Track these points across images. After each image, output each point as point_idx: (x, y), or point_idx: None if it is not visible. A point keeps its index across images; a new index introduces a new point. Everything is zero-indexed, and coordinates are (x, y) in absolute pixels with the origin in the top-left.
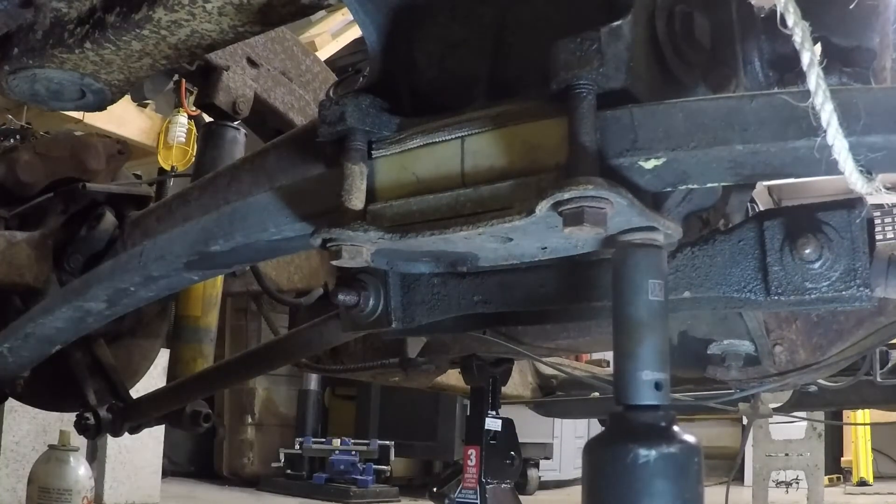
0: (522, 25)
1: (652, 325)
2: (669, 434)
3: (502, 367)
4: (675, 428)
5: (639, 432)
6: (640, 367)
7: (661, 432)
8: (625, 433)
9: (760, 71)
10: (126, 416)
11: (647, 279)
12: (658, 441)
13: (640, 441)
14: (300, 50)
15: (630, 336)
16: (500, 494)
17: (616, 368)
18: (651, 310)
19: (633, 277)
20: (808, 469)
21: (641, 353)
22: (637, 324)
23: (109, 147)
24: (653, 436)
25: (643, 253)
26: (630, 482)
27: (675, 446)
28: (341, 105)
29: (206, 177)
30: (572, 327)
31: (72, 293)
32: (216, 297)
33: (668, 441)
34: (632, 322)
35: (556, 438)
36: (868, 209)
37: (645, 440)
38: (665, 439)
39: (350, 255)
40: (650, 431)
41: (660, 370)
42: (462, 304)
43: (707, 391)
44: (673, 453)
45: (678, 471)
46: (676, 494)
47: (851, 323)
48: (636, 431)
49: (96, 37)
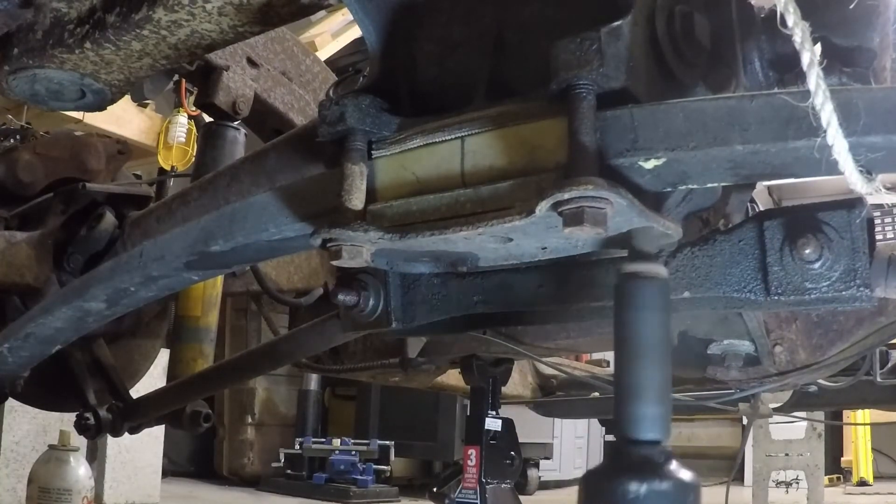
0: (522, 25)
1: (654, 358)
2: (664, 470)
3: (502, 367)
4: (671, 465)
5: (634, 467)
6: (643, 402)
7: (656, 468)
8: (620, 466)
9: (760, 71)
10: (126, 416)
11: (651, 311)
12: (651, 476)
13: (634, 475)
14: (300, 50)
15: (632, 368)
16: (500, 494)
17: (618, 400)
18: (653, 342)
19: (636, 308)
20: (808, 469)
21: (643, 385)
22: (639, 355)
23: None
24: (647, 471)
25: (648, 283)
26: None
27: (668, 483)
28: (341, 105)
29: (206, 177)
30: (572, 327)
31: (72, 293)
32: (216, 297)
33: (661, 477)
34: (633, 354)
35: (556, 438)
36: (868, 209)
37: (639, 475)
38: (659, 475)
39: (350, 255)
40: (646, 466)
41: (661, 403)
42: (462, 304)
43: (707, 391)
44: (665, 490)
45: None
46: None
47: (851, 323)
48: (632, 466)
49: (96, 37)
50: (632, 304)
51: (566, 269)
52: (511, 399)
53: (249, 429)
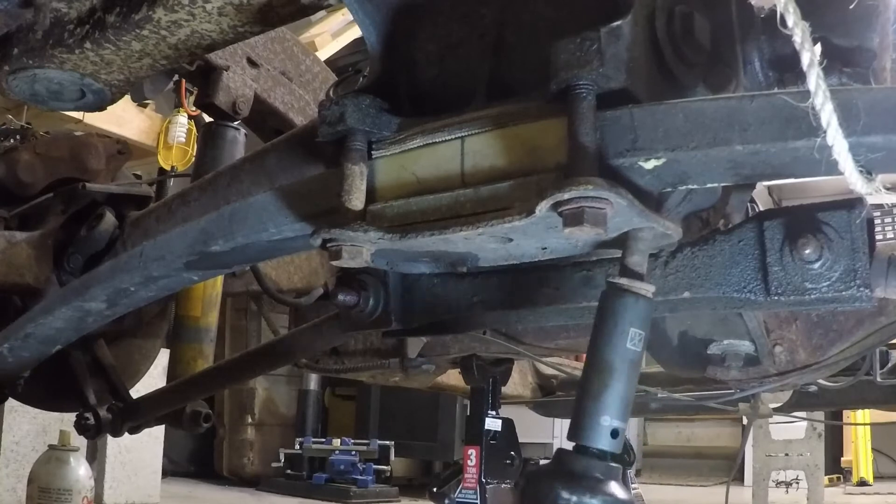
0: (522, 25)
1: (623, 373)
2: (598, 485)
3: (502, 367)
4: (611, 482)
5: (571, 475)
6: (602, 412)
7: (591, 482)
8: (558, 471)
9: (760, 71)
10: (126, 416)
11: (630, 327)
12: (583, 489)
13: (566, 484)
14: (300, 50)
15: (599, 378)
16: (500, 494)
17: (577, 406)
18: (626, 358)
19: (616, 321)
20: (808, 469)
21: (607, 397)
22: (609, 367)
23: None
24: (582, 483)
25: (632, 300)
26: None
27: (597, 499)
28: (341, 105)
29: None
30: (572, 327)
31: (72, 293)
32: (216, 297)
33: (592, 492)
34: (604, 364)
35: (556, 438)
36: (868, 209)
37: (571, 485)
38: (590, 490)
39: (350, 255)
40: (582, 477)
41: (619, 419)
42: (462, 304)
43: (707, 391)
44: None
45: None
46: None
47: (851, 323)
48: (569, 473)
49: (96, 37)
50: (613, 316)
51: (566, 269)
52: (511, 399)
53: (249, 429)
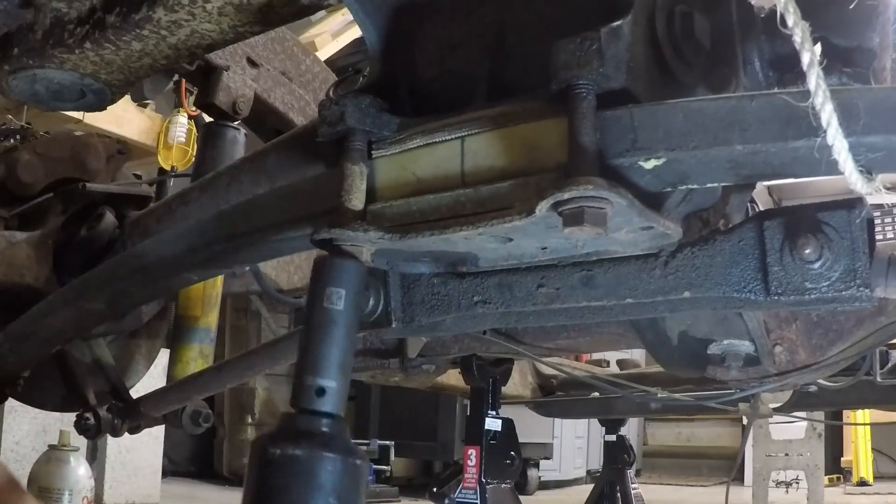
0: (522, 25)
1: (323, 332)
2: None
3: (502, 367)
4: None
5: (279, 432)
6: (306, 372)
7: (301, 435)
8: (286, 433)
9: (760, 71)
10: (126, 416)
11: (327, 286)
12: (285, 443)
13: (272, 440)
14: (300, 50)
15: (304, 341)
16: (500, 494)
17: (297, 370)
18: (324, 317)
19: (316, 282)
20: (808, 469)
21: (309, 358)
22: (310, 328)
23: (109, 147)
24: (289, 437)
25: (333, 261)
26: (258, 475)
27: (301, 450)
28: (341, 105)
29: (206, 177)
30: (572, 327)
31: (72, 293)
32: (216, 297)
33: (295, 445)
34: (307, 327)
35: (556, 438)
36: (868, 209)
37: (275, 439)
38: (322, 444)
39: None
40: (292, 433)
41: (324, 377)
42: (462, 304)
43: (707, 391)
44: (297, 455)
45: (302, 474)
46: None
47: (851, 323)
48: (279, 431)
49: (96, 37)
50: (312, 278)
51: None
52: (511, 399)
53: (249, 429)
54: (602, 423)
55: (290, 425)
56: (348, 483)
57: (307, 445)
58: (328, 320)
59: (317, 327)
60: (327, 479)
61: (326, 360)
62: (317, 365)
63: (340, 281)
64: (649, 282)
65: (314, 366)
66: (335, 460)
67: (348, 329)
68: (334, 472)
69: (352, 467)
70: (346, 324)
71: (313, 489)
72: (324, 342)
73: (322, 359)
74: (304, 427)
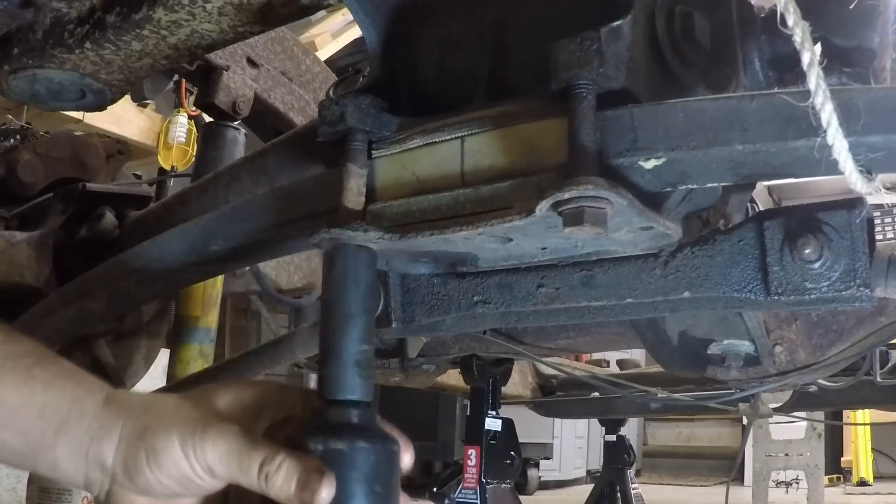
0: (522, 25)
1: (344, 321)
2: (364, 430)
3: (502, 367)
4: (372, 426)
5: (318, 427)
6: (331, 362)
7: (338, 428)
8: (310, 426)
9: (760, 71)
10: None
11: (343, 275)
12: (325, 437)
13: (313, 435)
14: (300, 50)
15: (324, 329)
16: (500, 494)
17: (321, 363)
18: (343, 305)
19: (331, 272)
20: (808, 469)
21: (333, 348)
22: (329, 318)
23: (109, 147)
24: (327, 431)
25: (348, 250)
26: None
27: (342, 443)
28: (341, 105)
29: (206, 177)
30: (572, 327)
31: (72, 293)
32: (216, 297)
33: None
34: (326, 316)
35: (556, 438)
36: (868, 209)
37: (317, 436)
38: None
39: None
40: (328, 426)
41: (351, 365)
42: (462, 304)
43: (707, 391)
44: (340, 449)
45: (347, 466)
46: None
47: (851, 323)
48: (317, 425)
49: (96, 37)
50: (337, 269)
51: (566, 269)
52: (511, 399)
53: None
54: (602, 423)
55: (323, 419)
56: (388, 470)
57: (347, 438)
58: (347, 308)
59: (336, 316)
60: (371, 468)
61: (350, 349)
62: (341, 354)
63: (357, 269)
64: (649, 282)
65: (338, 356)
66: (375, 450)
67: (368, 315)
68: (377, 461)
69: (390, 454)
70: (365, 310)
71: (359, 481)
72: (345, 331)
73: (345, 348)
74: (338, 419)
